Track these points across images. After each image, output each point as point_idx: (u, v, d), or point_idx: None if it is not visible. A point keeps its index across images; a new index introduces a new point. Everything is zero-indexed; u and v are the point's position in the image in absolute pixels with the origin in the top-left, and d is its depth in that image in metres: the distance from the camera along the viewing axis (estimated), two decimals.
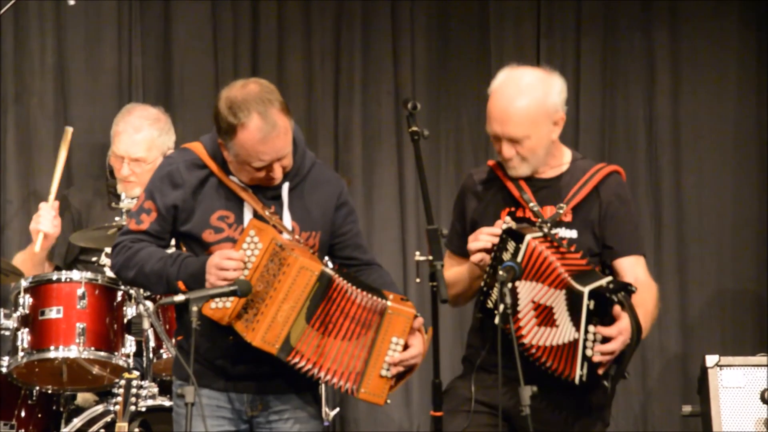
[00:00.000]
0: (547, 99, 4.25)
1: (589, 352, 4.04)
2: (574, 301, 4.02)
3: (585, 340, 4.02)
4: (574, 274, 4.04)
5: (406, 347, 4.05)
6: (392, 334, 4.04)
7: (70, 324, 5.10)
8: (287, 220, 4.10)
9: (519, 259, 4.07)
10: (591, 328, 4.02)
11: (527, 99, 4.22)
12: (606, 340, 4.03)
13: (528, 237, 4.08)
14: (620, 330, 4.02)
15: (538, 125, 4.23)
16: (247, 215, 4.08)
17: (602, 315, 4.02)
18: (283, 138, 3.99)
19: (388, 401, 4.10)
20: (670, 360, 6.57)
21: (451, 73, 6.63)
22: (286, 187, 4.11)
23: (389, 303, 4.03)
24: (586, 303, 3.99)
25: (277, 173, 4.04)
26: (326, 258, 4.24)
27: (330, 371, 4.02)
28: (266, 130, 3.95)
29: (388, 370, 4.05)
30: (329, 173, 4.28)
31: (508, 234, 4.12)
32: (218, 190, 4.10)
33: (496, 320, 4.04)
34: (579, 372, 4.05)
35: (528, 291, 4.08)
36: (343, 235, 4.22)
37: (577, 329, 4.02)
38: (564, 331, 4.05)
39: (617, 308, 4.02)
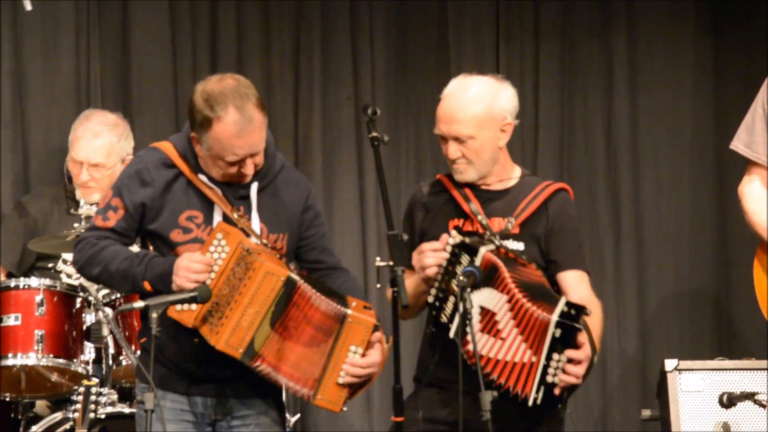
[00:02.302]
0: (495, 103, 4.30)
1: (550, 379, 4.02)
2: (534, 324, 4.03)
3: (546, 366, 4.01)
4: (530, 293, 4.04)
5: (364, 356, 4.05)
6: (351, 342, 4.03)
7: (28, 331, 5.08)
8: (255, 221, 4.09)
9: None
10: (555, 355, 4.01)
11: (474, 100, 4.28)
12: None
13: (482, 250, 4.09)
14: (587, 355, 4.03)
15: (483, 127, 4.27)
16: (217, 216, 4.06)
17: (567, 342, 4.00)
18: (259, 133, 3.99)
19: (344, 408, 4.09)
20: (629, 364, 6.60)
21: (410, 78, 6.64)
22: (254, 187, 4.10)
23: (349, 311, 4.03)
24: (552, 332, 3.98)
25: (249, 169, 4.03)
26: (293, 263, 4.23)
27: (289, 376, 4.01)
28: (242, 123, 3.94)
29: (344, 377, 4.04)
30: (298, 176, 4.27)
31: (462, 248, 4.13)
32: (187, 190, 4.08)
33: (451, 334, 4.05)
34: (534, 395, 4.03)
35: (477, 299, 4.09)
36: (309, 238, 4.21)
37: (536, 353, 4.01)
38: (517, 350, 4.05)
39: (582, 335, 4.02)
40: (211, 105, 3.95)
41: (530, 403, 4.04)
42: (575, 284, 4.29)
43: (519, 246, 4.27)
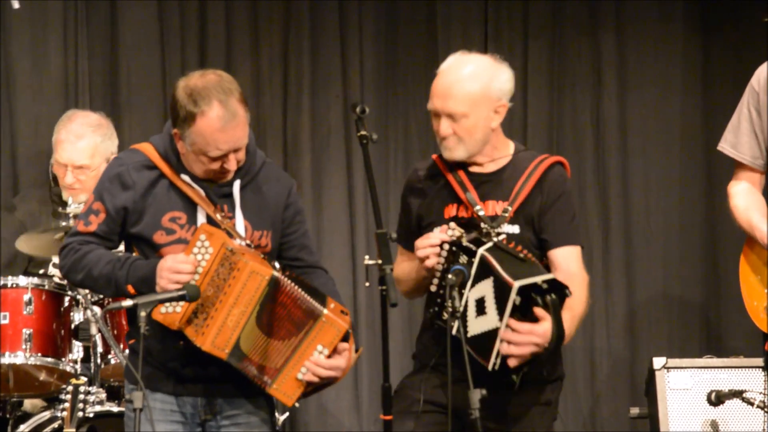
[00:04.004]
0: (492, 83, 4.27)
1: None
2: (503, 292, 4.03)
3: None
4: (517, 271, 4.05)
5: (329, 358, 4.03)
6: (319, 341, 4.01)
7: (16, 330, 5.06)
8: (239, 219, 4.09)
9: (472, 271, 4.08)
10: (511, 321, 4.03)
11: (471, 78, 4.26)
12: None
13: (480, 251, 4.09)
14: (531, 330, 4.02)
15: (477, 105, 4.24)
16: (200, 216, 4.05)
17: (525, 312, 4.03)
18: (242, 128, 3.99)
19: (297, 405, 4.11)
20: (617, 362, 6.61)
21: (399, 77, 6.65)
22: (237, 185, 4.09)
23: (325, 311, 4.02)
24: (513, 298, 4.00)
25: (232, 165, 4.02)
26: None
27: (255, 364, 4.01)
28: (226, 118, 3.94)
29: (305, 374, 4.03)
30: (279, 172, 4.27)
31: (460, 248, 4.13)
32: (169, 191, 4.07)
33: (454, 331, 4.04)
34: (493, 360, 4.05)
35: (473, 294, 4.10)
36: (290, 235, 4.20)
37: (500, 319, 4.03)
38: (489, 319, 4.06)
39: (540, 310, 4.02)
40: (194, 100, 3.94)
41: (489, 368, 4.05)
42: (564, 260, 4.27)
43: (514, 229, 4.27)
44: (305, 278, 4.13)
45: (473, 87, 4.24)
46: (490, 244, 4.12)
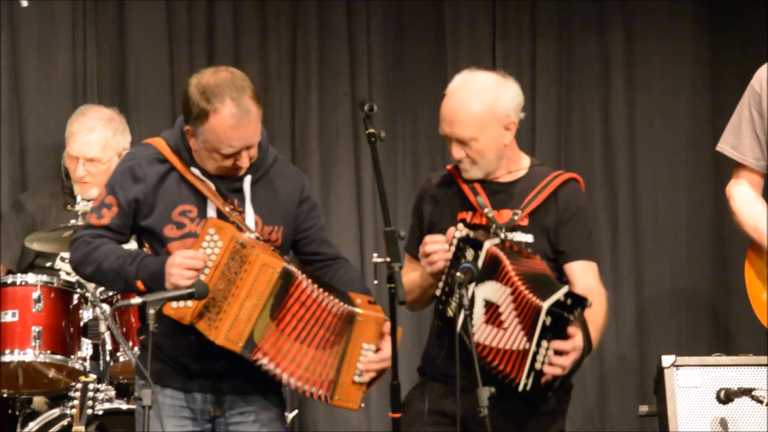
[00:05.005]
0: (498, 103, 4.27)
1: (538, 366, 4.03)
2: (529, 311, 4.04)
3: (536, 353, 4.02)
4: (532, 284, 4.04)
5: (377, 351, 4.05)
6: (363, 340, 4.03)
7: (25, 327, 5.08)
8: (250, 213, 4.09)
9: (479, 265, 4.08)
10: (544, 342, 4.02)
11: (476, 101, 4.26)
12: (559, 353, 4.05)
13: (487, 244, 4.09)
14: (575, 346, 4.04)
15: (485, 128, 4.25)
16: (210, 210, 4.06)
17: (557, 331, 4.02)
18: (255, 125, 4.00)
19: (362, 405, 4.12)
20: (626, 360, 6.60)
21: (407, 75, 6.65)
22: (248, 180, 4.10)
23: (358, 310, 4.02)
24: (543, 319, 3.99)
25: (245, 162, 4.03)
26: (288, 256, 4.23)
27: (301, 378, 4.00)
28: (239, 115, 3.94)
29: (360, 375, 4.05)
30: (291, 168, 4.28)
31: (467, 242, 4.13)
32: (180, 185, 4.07)
33: (459, 328, 4.04)
34: (524, 381, 4.04)
35: (481, 292, 4.10)
36: (307, 230, 4.21)
37: (529, 340, 4.02)
38: (515, 338, 4.05)
39: (573, 328, 4.02)
40: (207, 97, 3.94)
41: (520, 388, 4.05)
42: (581, 274, 4.29)
43: (528, 238, 4.28)
44: (327, 271, 4.15)
45: (478, 109, 4.24)
46: (497, 240, 4.12)
